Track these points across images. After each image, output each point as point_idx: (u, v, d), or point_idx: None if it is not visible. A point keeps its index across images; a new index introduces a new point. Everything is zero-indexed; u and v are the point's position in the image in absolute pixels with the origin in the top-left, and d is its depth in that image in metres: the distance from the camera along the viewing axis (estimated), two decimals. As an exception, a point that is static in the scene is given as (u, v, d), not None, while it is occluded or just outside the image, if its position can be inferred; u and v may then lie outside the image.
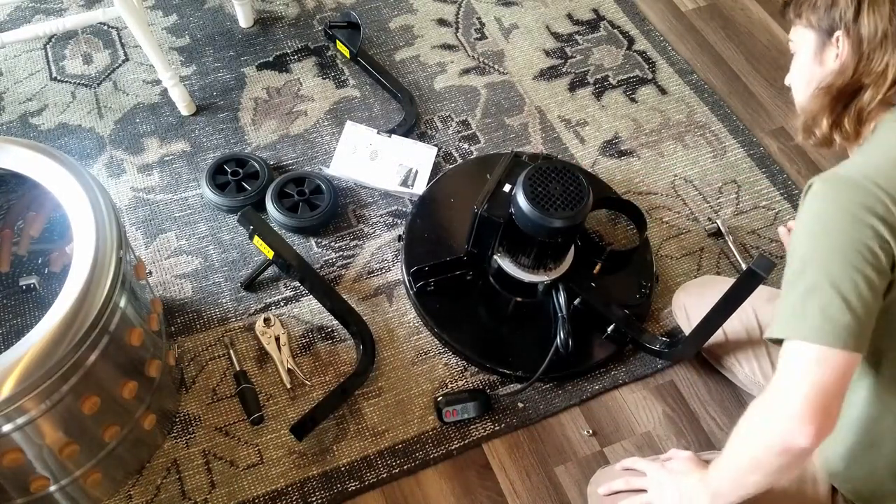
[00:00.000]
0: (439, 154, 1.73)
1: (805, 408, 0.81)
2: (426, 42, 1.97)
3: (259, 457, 1.32)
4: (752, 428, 0.90)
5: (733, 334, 1.35)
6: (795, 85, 1.04)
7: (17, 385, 0.92)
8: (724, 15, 2.11)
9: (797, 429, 0.82)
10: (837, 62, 0.94)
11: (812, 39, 0.98)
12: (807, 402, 0.81)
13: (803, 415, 0.81)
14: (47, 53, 1.87)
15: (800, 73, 1.02)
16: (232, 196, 1.59)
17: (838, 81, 0.94)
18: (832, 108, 0.96)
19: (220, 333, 1.45)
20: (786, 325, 0.86)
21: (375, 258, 1.57)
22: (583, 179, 1.29)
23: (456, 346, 1.44)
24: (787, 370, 0.85)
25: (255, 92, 1.83)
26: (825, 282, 0.82)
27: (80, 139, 1.72)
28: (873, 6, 0.90)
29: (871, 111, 0.93)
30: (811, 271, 0.84)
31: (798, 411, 0.82)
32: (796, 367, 0.84)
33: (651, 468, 1.11)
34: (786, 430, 0.83)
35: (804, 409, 0.81)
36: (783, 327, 0.86)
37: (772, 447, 0.85)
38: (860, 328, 0.81)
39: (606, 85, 1.91)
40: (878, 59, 0.91)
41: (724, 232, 1.63)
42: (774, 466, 0.87)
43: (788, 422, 0.82)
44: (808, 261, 0.85)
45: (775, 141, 1.82)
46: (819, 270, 0.83)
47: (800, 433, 0.82)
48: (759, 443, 0.88)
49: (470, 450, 1.35)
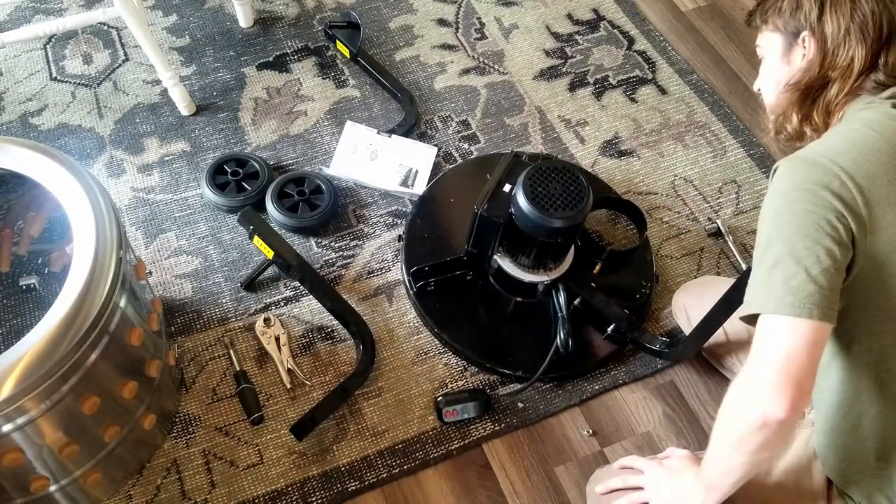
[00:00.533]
0: (439, 154, 1.73)
1: (777, 379, 0.83)
2: (426, 42, 1.97)
3: (259, 457, 1.32)
4: (730, 409, 0.92)
5: (734, 334, 1.35)
6: (765, 87, 1.08)
7: (17, 385, 0.92)
8: (724, 15, 2.11)
9: (771, 401, 0.83)
10: (805, 61, 0.99)
11: (779, 42, 1.02)
12: (778, 373, 0.83)
13: (775, 386, 0.83)
14: (47, 53, 1.87)
15: (769, 74, 1.06)
16: (232, 196, 1.59)
17: (806, 78, 0.99)
18: (801, 103, 1.01)
19: (220, 333, 1.45)
20: (752, 300, 0.88)
21: (375, 258, 1.57)
22: (583, 179, 1.29)
23: (456, 346, 1.44)
24: (758, 346, 0.87)
25: (255, 92, 1.83)
26: (787, 255, 0.85)
27: (80, 139, 1.72)
28: (835, 6, 0.95)
29: (838, 103, 0.97)
30: (774, 247, 0.86)
31: (770, 384, 0.83)
32: (765, 340, 0.86)
33: (648, 466, 1.12)
34: (760, 403, 0.84)
35: (776, 381, 0.83)
36: (750, 302, 0.88)
37: (751, 424, 0.86)
38: (824, 299, 0.83)
39: (606, 85, 1.91)
40: (842, 55, 0.95)
41: (724, 232, 1.63)
42: (755, 444, 0.88)
43: (762, 396, 0.84)
44: (771, 238, 0.87)
45: (775, 141, 1.82)
46: (782, 245, 0.86)
47: (774, 405, 0.83)
48: (738, 421, 0.89)
49: (470, 450, 1.35)
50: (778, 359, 0.84)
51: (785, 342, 0.84)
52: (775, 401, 0.83)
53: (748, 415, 0.86)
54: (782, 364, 0.83)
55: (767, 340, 0.86)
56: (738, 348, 1.35)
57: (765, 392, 0.84)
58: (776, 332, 0.85)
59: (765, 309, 0.86)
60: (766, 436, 0.86)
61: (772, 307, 0.85)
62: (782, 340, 0.84)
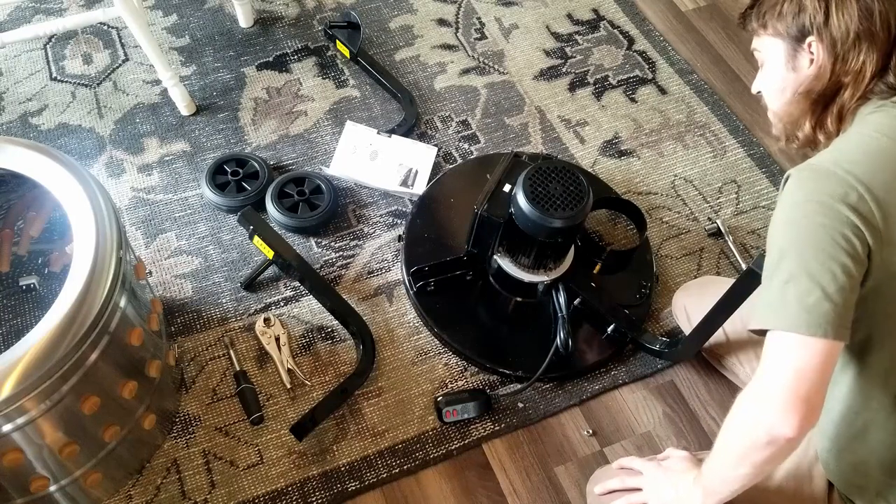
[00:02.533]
0: (439, 154, 1.73)
1: (787, 397, 0.82)
2: (426, 42, 1.97)
3: (259, 457, 1.32)
4: (738, 421, 0.91)
5: (734, 334, 1.35)
6: (769, 93, 1.05)
7: (17, 385, 0.92)
8: (724, 15, 2.11)
9: (781, 419, 0.83)
10: (814, 67, 0.96)
11: (781, 48, 0.98)
12: (789, 391, 0.82)
13: (786, 404, 0.82)
14: (47, 53, 1.87)
15: (772, 81, 1.03)
16: (232, 196, 1.59)
17: (818, 85, 0.96)
18: (813, 110, 0.98)
19: (220, 333, 1.45)
20: (766, 316, 0.87)
21: (375, 258, 1.57)
22: (583, 179, 1.29)
23: (456, 346, 1.44)
24: (769, 361, 0.86)
25: (255, 92, 1.83)
26: (802, 271, 0.83)
27: (80, 139, 1.72)
28: (841, 8, 0.92)
29: (850, 108, 0.95)
30: (788, 261, 0.85)
31: (781, 401, 0.83)
32: (777, 357, 0.85)
33: (647, 467, 1.12)
34: (770, 420, 0.84)
35: (786, 399, 0.82)
36: (763, 318, 0.87)
37: (757, 439, 0.86)
38: (838, 317, 0.82)
39: (606, 85, 1.91)
40: (853, 59, 0.93)
41: (724, 232, 1.63)
42: (761, 458, 0.88)
43: (772, 412, 0.83)
44: (784, 251, 0.85)
45: (775, 141, 1.82)
46: (795, 260, 0.84)
47: (784, 423, 0.82)
48: (745, 435, 0.89)
49: (470, 450, 1.35)
50: (789, 376, 0.83)
51: (797, 360, 0.83)
52: (785, 418, 0.82)
53: (756, 430, 0.86)
54: (793, 382, 0.83)
55: (779, 357, 0.85)
56: (738, 348, 1.35)
57: (775, 409, 0.83)
58: (789, 350, 0.84)
59: (778, 326, 0.84)
60: (772, 452, 0.86)
61: (786, 325, 0.84)
62: (795, 358, 0.83)
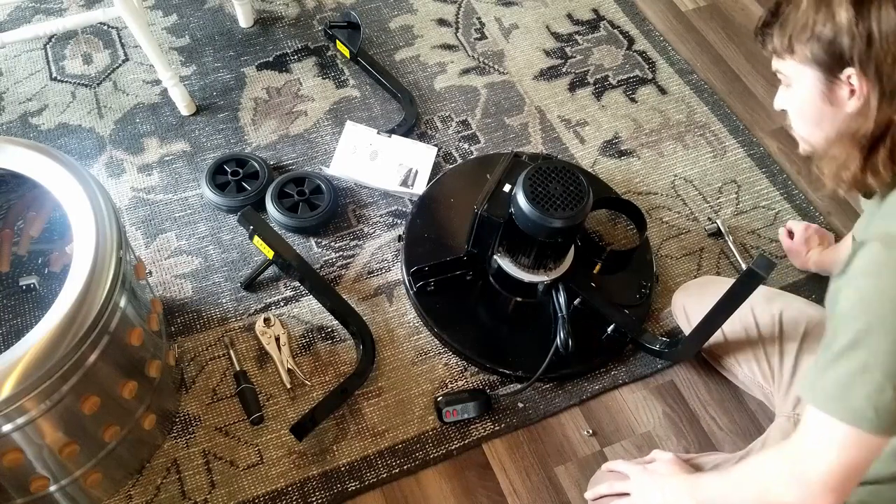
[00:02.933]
0: (439, 154, 1.73)
1: (829, 482, 0.81)
2: (426, 42, 1.97)
3: (259, 457, 1.32)
4: (768, 477, 0.89)
5: (732, 335, 1.35)
6: (799, 123, 0.97)
7: (17, 385, 0.92)
8: (724, 15, 2.11)
9: (816, 499, 0.82)
10: (857, 102, 0.86)
11: (814, 77, 0.88)
12: (833, 476, 0.81)
13: (826, 488, 0.81)
14: (47, 53, 1.87)
15: (803, 111, 0.94)
16: (232, 196, 1.59)
17: (864, 127, 0.85)
18: (861, 152, 0.88)
19: (220, 333, 1.45)
20: (828, 400, 0.83)
21: (375, 258, 1.57)
22: (583, 179, 1.29)
23: (456, 346, 1.44)
24: (818, 439, 0.83)
25: (255, 92, 1.83)
26: (878, 368, 0.79)
27: (80, 139, 1.72)
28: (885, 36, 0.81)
29: None
30: (864, 351, 0.80)
31: (822, 484, 0.82)
32: (829, 440, 0.82)
33: (634, 471, 1.12)
34: (804, 495, 0.83)
35: (828, 483, 0.81)
36: (825, 402, 0.83)
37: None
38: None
39: (606, 85, 1.91)
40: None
41: (724, 232, 1.63)
42: None
43: (809, 489, 0.83)
44: (862, 338, 0.80)
45: (775, 141, 1.82)
46: (874, 353, 0.79)
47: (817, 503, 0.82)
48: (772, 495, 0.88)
49: (470, 450, 1.35)
50: (836, 470, 0.81)
51: (850, 456, 0.81)
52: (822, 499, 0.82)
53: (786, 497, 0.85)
54: (840, 470, 0.81)
55: (830, 444, 0.82)
56: (736, 349, 1.35)
57: (815, 489, 0.82)
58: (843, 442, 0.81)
59: (841, 417, 0.81)
60: None
61: (850, 418, 0.80)
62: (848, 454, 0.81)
